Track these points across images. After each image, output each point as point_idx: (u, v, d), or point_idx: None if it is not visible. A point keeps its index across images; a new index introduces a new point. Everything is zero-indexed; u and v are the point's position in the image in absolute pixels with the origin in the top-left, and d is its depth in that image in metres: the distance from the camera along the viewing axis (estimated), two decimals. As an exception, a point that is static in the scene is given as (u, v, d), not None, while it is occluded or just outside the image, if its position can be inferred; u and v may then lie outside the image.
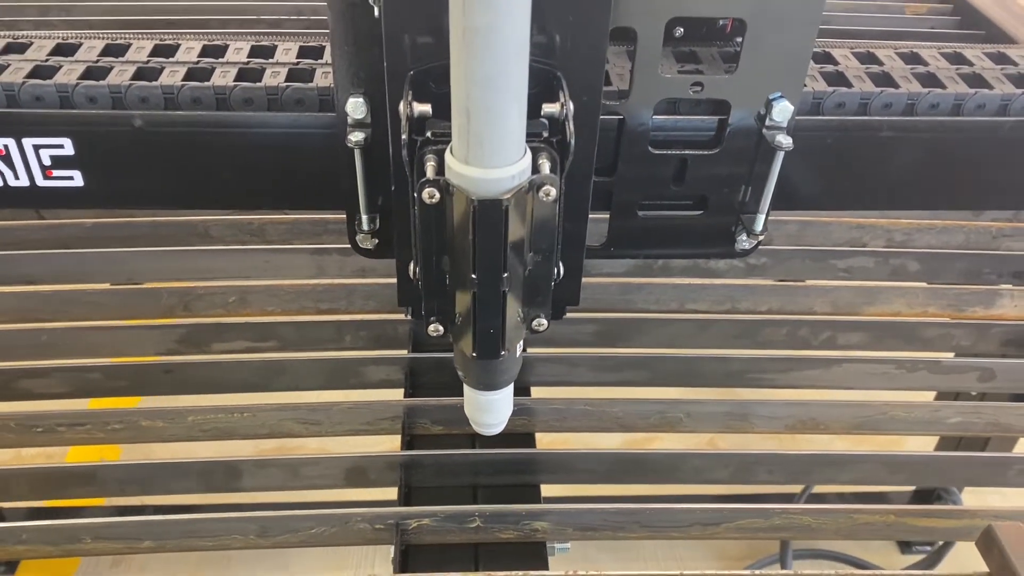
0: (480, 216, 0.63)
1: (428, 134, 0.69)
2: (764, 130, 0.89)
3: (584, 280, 1.20)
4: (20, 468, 0.95)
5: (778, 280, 1.26)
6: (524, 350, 0.79)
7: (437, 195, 0.64)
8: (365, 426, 1.03)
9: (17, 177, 0.91)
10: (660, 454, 1.01)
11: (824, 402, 1.07)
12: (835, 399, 1.07)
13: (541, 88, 0.74)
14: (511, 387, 0.80)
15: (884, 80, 0.98)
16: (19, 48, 0.94)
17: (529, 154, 0.65)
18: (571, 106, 0.70)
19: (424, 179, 0.65)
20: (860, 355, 1.14)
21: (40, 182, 0.91)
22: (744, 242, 0.99)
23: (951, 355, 1.16)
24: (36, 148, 0.89)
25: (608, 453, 1.01)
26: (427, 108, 0.69)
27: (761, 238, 0.98)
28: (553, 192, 0.65)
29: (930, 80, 0.98)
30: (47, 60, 0.92)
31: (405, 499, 0.95)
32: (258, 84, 0.90)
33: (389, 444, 1.03)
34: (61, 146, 0.90)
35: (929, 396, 1.13)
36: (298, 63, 0.94)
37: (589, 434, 1.07)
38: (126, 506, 1.62)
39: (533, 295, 0.72)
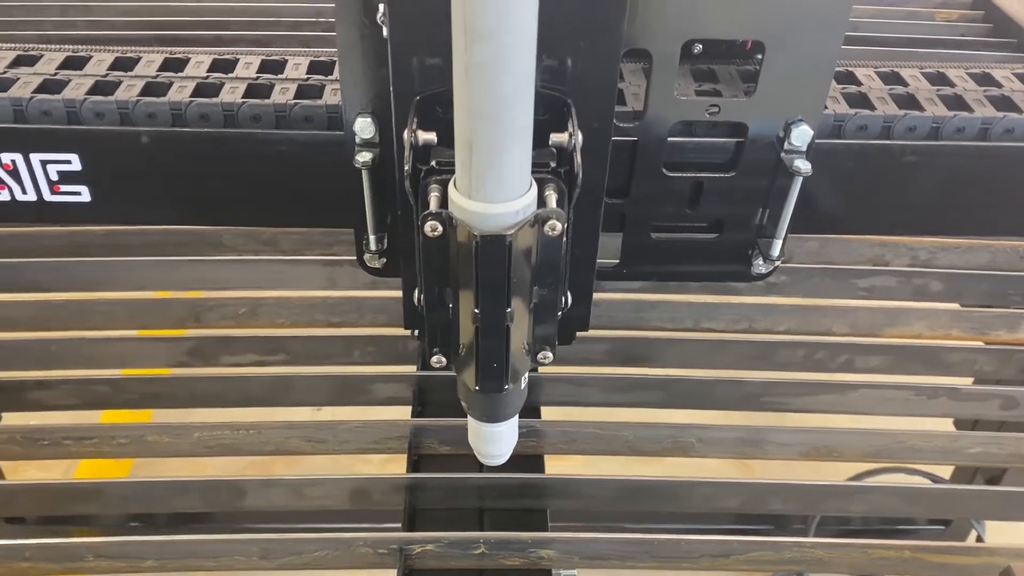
0: (482, 251, 0.62)
1: (433, 163, 0.68)
2: (782, 154, 0.87)
3: (597, 296, 1.18)
4: (25, 483, 0.94)
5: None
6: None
7: (440, 228, 0.63)
8: (372, 444, 1.02)
9: (24, 192, 0.90)
10: (669, 481, 0.99)
11: (840, 429, 1.04)
12: (851, 426, 1.04)
13: (551, 116, 0.72)
14: (516, 417, 0.78)
15: (908, 102, 0.95)
16: (29, 61, 0.93)
17: (535, 187, 0.63)
18: (580, 136, 0.68)
19: (427, 212, 0.63)
20: (878, 380, 1.11)
21: (47, 197, 0.90)
22: (760, 266, 0.96)
23: (971, 381, 1.13)
24: (43, 163, 0.89)
25: (616, 480, 0.99)
26: (432, 136, 0.67)
27: (777, 263, 0.96)
28: (559, 226, 0.64)
29: (957, 103, 0.95)
30: (56, 74, 0.91)
31: (409, 523, 0.94)
32: (266, 101, 0.88)
33: (396, 462, 1.02)
34: (69, 161, 0.89)
35: (948, 424, 1.11)
36: (308, 79, 0.92)
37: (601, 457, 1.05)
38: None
39: (539, 328, 0.70)
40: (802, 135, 0.85)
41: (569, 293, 0.79)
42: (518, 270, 0.64)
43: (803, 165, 0.86)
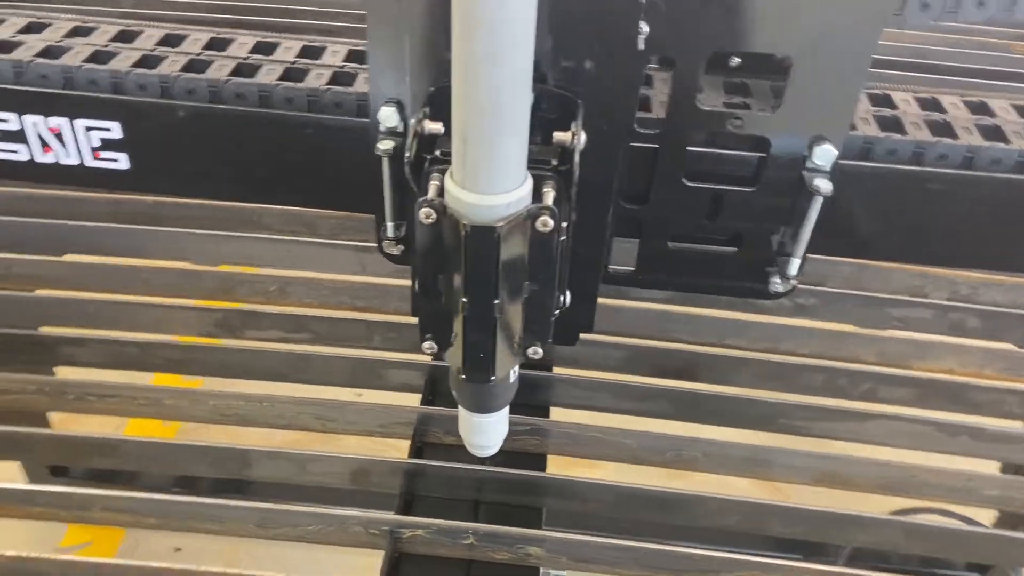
0: (471, 242, 0.63)
1: (438, 152, 0.69)
2: (804, 172, 0.86)
3: (622, 304, 1.19)
4: (48, 433, 0.99)
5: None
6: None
7: (433, 216, 0.64)
8: (378, 428, 1.04)
9: (68, 155, 0.94)
10: (671, 493, 0.99)
11: (851, 458, 1.02)
12: (864, 455, 1.02)
13: (559, 115, 0.73)
14: (506, 410, 0.79)
15: (943, 130, 0.93)
16: (85, 32, 0.98)
17: (530, 182, 0.64)
18: (583, 136, 0.69)
19: (423, 199, 0.64)
20: (900, 411, 1.09)
21: (88, 162, 0.95)
22: (778, 284, 0.95)
23: (999, 422, 1.09)
24: (87, 129, 0.93)
25: (618, 485, 0.99)
26: (439, 126, 0.69)
27: (794, 282, 0.95)
28: (551, 223, 0.64)
29: (994, 133, 0.92)
30: (107, 46, 0.95)
31: (404, 507, 0.95)
32: (300, 84, 0.91)
33: (401, 448, 1.04)
34: (109, 129, 0.93)
35: (967, 463, 1.07)
36: (343, 67, 0.94)
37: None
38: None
39: (530, 323, 0.71)
40: (825, 154, 0.84)
41: (568, 293, 0.79)
42: (508, 263, 0.65)
43: (823, 184, 0.84)
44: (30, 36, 0.95)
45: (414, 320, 1.17)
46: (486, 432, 0.78)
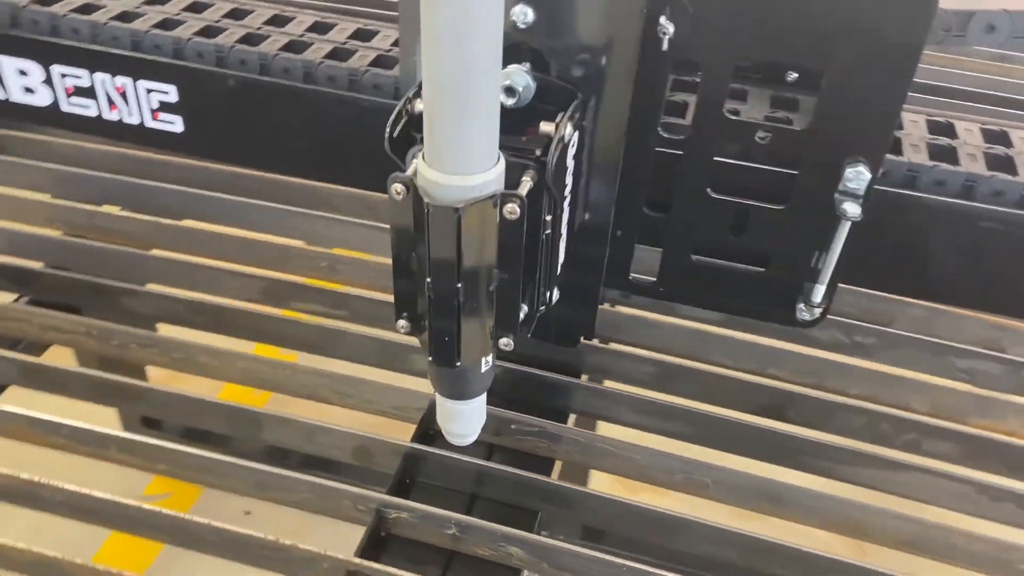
0: (432, 220, 0.63)
1: (425, 132, 0.69)
2: (836, 194, 0.81)
3: (660, 318, 1.15)
4: (80, 371, 1.05)
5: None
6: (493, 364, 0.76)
7: (403, 192, 0.64)
8: (392, 409, 1.05)
9: (131, 115, 1.01)
10: (671, 515, 0.95)
11: (875, 507, 0.95)
12: (890, 507, 0.95)
13: (557, 105, 0.72)
14: (482, 400, 0.78)
15: (1003, 164, 0.86)
16: (161, 0, 1.04)
17: (500, 167, 0.63)
18: (569, 129, 0.68)
19: (395, 174, 0.65)
20: (939, 467, 1.01)
21: (148, 123, 1.01)
22: (804, 311, 0.90)
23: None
24: (148, 91, 0.99)
25: (616, 500, 0.96)
26: (429, 106, 0.69)
27: (819, 311, 0.90)
28: (518, 212, 0.63)
29: (1061, 173, 0.85)
30: (178, 14, 1.01)
31: (396, 488, 0.95)
32: (343, 64, 0.94)
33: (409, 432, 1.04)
34: (167, 92, 0.99)
35: (1006, 533, 0.98)
36: (390, 51, 0.97)
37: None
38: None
39: (500, 314, 0.70)
40: (858, 177, 0.79)
41: (556, 290, 0.77)
42: (471, 248, 0.64)
43: (852, 208, 0.80)
44: (110, 0, 1.03)
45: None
46: (459, 420, 0.78)
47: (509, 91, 0.71)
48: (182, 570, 2.13)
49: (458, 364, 0.71)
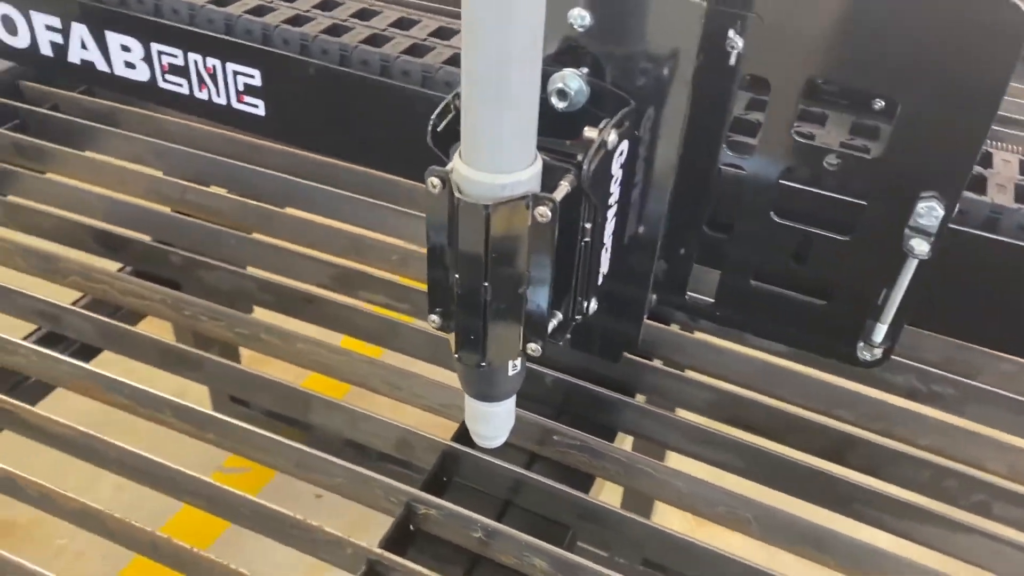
0: (461, 217, 0.63)
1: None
2: (907, 229, 0.76)
3: (727, 345, 1.11)
4: (149, 336, 1.10)
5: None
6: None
7: (439, 185, 0.64)
8: (438, 406, 1.05)
9: (219, 95, 1.05)
10: (708, 549, 0.91)
11: (929, 569, 0.89)
12: (941, 567, 0.89)
13: (611, 113, 0.70)
14: (510, 403, 0.77)
15: (1102, 213, 0.79)
16: (258, -11, 1.08)
17: (536, 167, 0.62)
18: (613, 137, 0.66)
19: (432, 167, 0.65)
20: (1007, 533, 0.93)
21: (234, 104, 1.05)
22: (864, 351, 0.86)
23: None
24: (235, 73, 1.03)
25: (652, 527, 0.93)
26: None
27: (879, 352, 0.85)
28: (548, 214, 0.62)
29: None
30: (271, 2, 1.05)
31: (430, 485, 0.95)
32: (417, 60, 0.95)
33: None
34: (252, 76, 1.02)
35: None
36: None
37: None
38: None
39: (528, 318, 0.69)
40: (929, 213, 0.75)
41: (594, 300, 0.76)
42: (499, 247, 0.63)
43: (920, 246, 0.75)
44: (210, -14, 1.07)
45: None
46: (487, 422, 0.77)
47: (561, 94, 0.70)
48: (252, 547, 2.21)
49: (483, 364, 0.70)
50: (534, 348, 0.70)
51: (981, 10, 0.65)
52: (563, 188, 0.65)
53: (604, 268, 0.77)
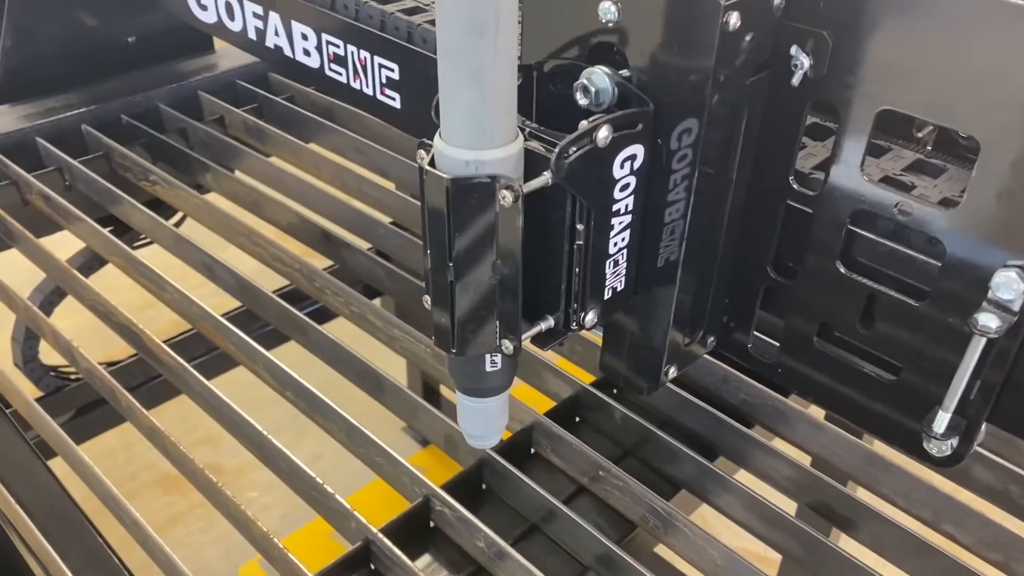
0: (426, 188, 0.62)
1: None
2: (986, 302, 0.64)
3: (828, 425, 0.98)
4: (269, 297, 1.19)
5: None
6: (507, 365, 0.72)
7: (425, 158, 0.64)
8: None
9: (367, 86, 1.12)
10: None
11: None
12: None
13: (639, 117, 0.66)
14: (499, 403, 0.74)
15: None
16: (425, -8, 1.15)
17: (510, 150, 0.60)
18: (604, 134, 0.62)
19: (422, 139, 0.65)
20: None
21: (377, 95, 1.11)
22: (932, 445, 0.72)
23: None
24: (380, 67, 1.09)
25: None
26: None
27: (946, 447, 0.71)
28: (509, 196, 0.60)
29: None
30: (428, 4, 1.10)
31: (455, 487, 0.94)
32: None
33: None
34: (393, 70, 1.08)
35: None
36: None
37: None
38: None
39: (502, 309, 0.66)
40: (1008, 285, 0.62)
41: (593, 311, 0.71)
42: (464, 225, 0.62)
43: (987, 320, 0.63)
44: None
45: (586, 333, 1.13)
46: (472, 419, 0.74)
47: (584, 90, 0.67)
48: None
49: (453, 351, 0.68)
50: (507, 346, 0.67)
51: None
52: (542, 179, 0.62)
53: (617, 283, 0.72)
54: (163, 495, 2.70)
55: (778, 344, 0.81)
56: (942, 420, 0.69)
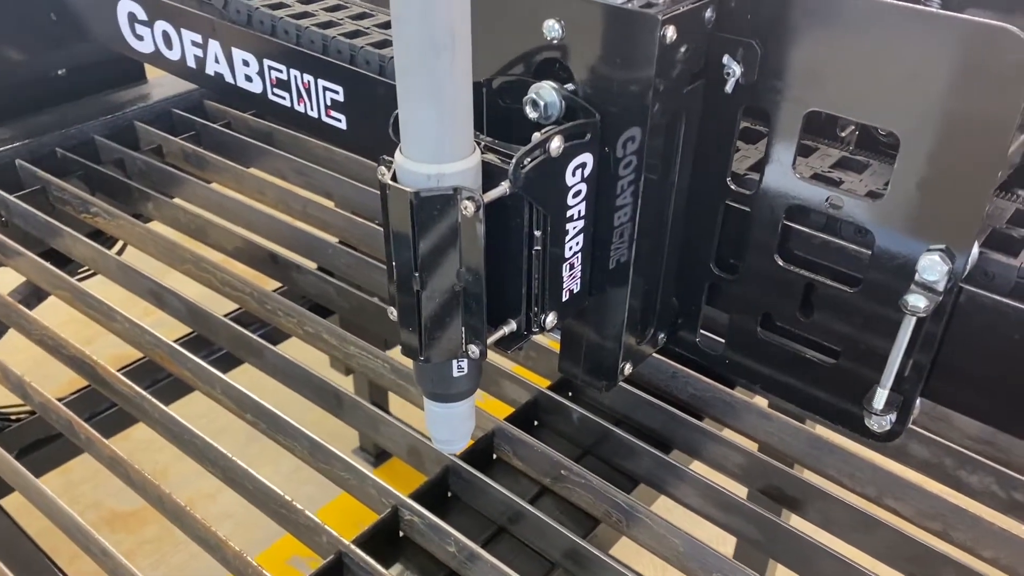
0: (390, 203, 0.65)
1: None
2: (913, 285, 0.69)
3: (775, 414, 1.04)
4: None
5: None
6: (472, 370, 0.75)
7: (386, 174, 0.66)
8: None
9: (312, 109, 1.14)
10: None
11: None
12: None
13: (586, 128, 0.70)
14: (466, 407, 0.76)
15: None
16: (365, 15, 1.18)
17: (468, 163, 0.63)
18: (556, 144, 0.66)
19: (385, 156, 0.67)
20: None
21: (323, 118, 1.13)
22: (873, 421, 0.77)
23: None
24: (325, 89, 1.11)
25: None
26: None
27: (886, 422, 0.76)
28: (471, 207, 0.63)
29: None
30: (368, 29, 1.13)
31: (425, 496, 0.96)
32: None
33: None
34: (337, 92, 1.10)
35: None
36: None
37: None
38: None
39: (468, 315, 0.69)
40: (932, 267, 0.68)
41: (552, 314, 0.74)
42: (428, 237, 0.64)
43: (916, 300, 0.68)
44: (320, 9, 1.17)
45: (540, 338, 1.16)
46: (439, 424, 0.77)
47: (533, 104, 0.71)
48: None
49: (421, 358, 0.70)
50: (473, 351, 0.70)
51: (987, 44, 0.59)
52: (500, 189, 0.65)
53: (574, 285, 0.76)
54: (111, 534, 2.63)
55: (723, 339, 0.86)
56: (880, 397, 0.74)
